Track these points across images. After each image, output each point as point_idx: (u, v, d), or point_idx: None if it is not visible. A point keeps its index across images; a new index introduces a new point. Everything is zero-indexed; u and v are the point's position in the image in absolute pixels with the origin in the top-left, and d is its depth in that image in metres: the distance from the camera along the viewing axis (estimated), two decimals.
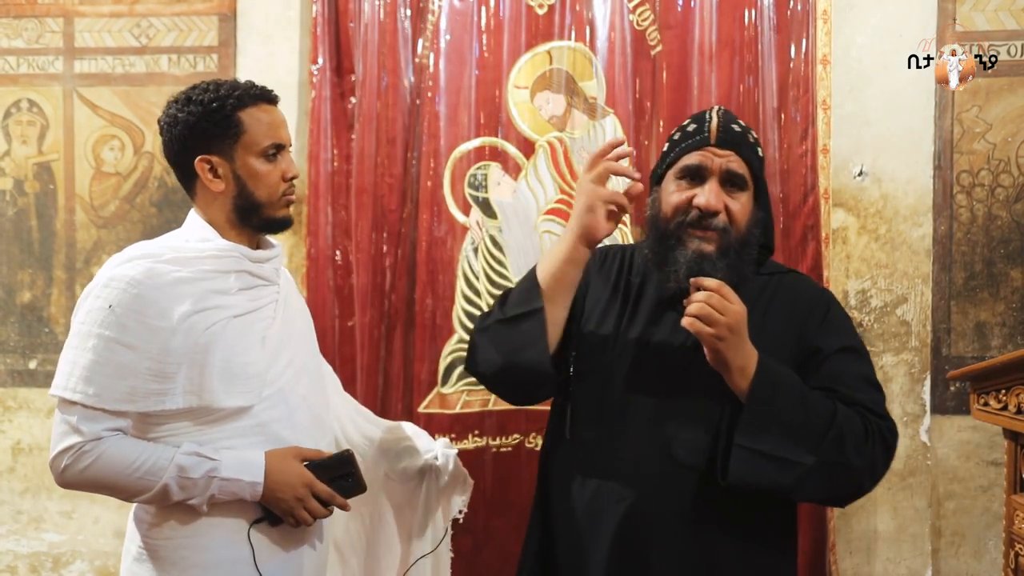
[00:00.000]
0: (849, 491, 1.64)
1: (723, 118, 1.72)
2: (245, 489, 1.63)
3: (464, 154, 3.06)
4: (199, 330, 1.61)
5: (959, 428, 3.02)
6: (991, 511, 3.01)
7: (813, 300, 1.75)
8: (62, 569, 3.35)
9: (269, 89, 1.74)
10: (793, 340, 1.69)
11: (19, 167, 3.34)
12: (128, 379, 1.58)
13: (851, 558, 3.04)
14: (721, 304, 1.53)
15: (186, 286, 1.63)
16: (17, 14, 3.32)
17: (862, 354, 1.72)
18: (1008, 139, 3.00)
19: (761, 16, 2.95)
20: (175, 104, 1.70)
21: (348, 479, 1.72)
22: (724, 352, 1.55)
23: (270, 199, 1.71)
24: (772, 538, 1.70)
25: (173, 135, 1.70)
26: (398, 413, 3.04)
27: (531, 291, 1.69)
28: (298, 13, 3.15)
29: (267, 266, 1.76)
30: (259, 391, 1.66)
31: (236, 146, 1.68)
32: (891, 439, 1.65)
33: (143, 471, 1.59)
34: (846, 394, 1.63)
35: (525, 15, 3.03)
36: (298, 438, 1.72)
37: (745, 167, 1.69)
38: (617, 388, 1.70)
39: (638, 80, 3.01)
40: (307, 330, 1.88)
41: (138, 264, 1.63)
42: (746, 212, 1.69)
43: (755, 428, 1.56)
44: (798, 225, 2.93)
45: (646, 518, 1.64)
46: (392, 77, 3.07)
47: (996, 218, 3.01)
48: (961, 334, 3.03)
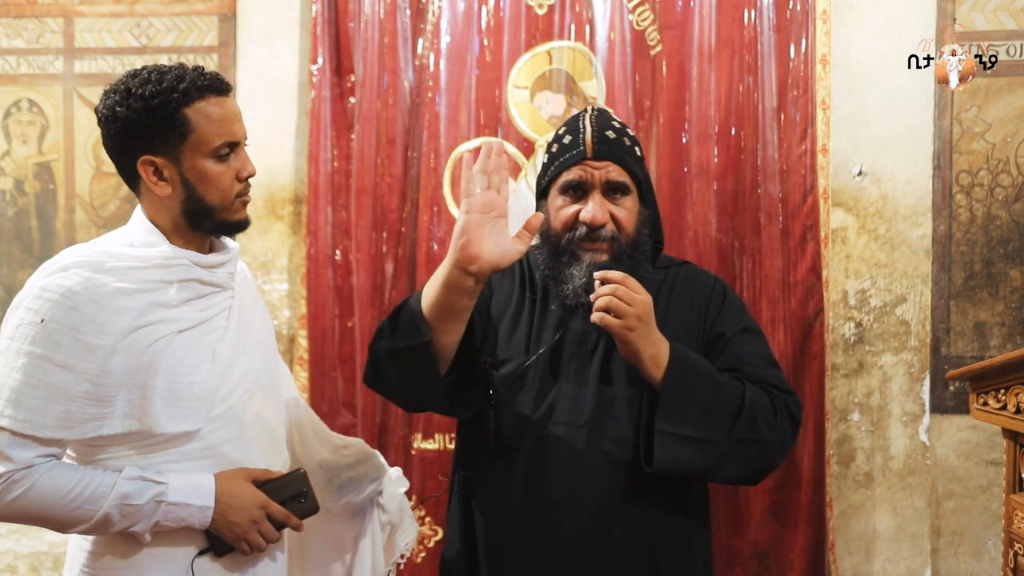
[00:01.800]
0: (763, 466, 1.69)
1: (596, 125, 1.74)
2: (194, 515, 1.50)
3: (463, 154, 3.06)
4: (141, 347, 1.46)
5: (958, 428, 3.02)
6: (990, 511, 3.01)
7: (709, 288, 1.81)
8: (62, 569, 3.35)
9: (220, 77, 1.55)
10: (697, 327, 1.77)
11: (19, 167, 3.35)
12: (62, 403, 1.43)
13: (851, 557, 3.04)
14: (628, 295, 1.57)
15: (127, 299, 1.47)
16: (17, 14, 3.33)
17: (758, 334, 1.80)
18: (1007, 139, 3.00)
19: (761, 16, 2.95)
20: (113, 95, 1.51)
21: (302, 499, 1.61)
22: (635, 342, 1.59)
23: (223, 203, 1.54)
24: (696, 515, 1.77)
25: (111, 131, 1.52)
26: (398, 413, 3.04)
27: (416, 322, 1.55)
28: (298, 13, 3.15)
29: (220, 271, 1.60)
30: (207, 413, 1.52)
31: (183, 147, 1.50)
32: (796, 412, 1.72)
33: (81, 500, 1.45)
34: (752, 372, 1.71)
35: (525, 15, 3.04)
36: (251, 459, 1.59)
37: (624, 173, 1.72)
38: (538, 395, 1.72)
39: (638, 80, 3.01)
40: (265, 337, 1.70)
41: (74, 274, 1.46)
42: (633, 216, 1.73)
43: (674, 413, 1.60)
44: (797, 225, 2.93)
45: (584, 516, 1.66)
46: (392, 77, 3.07)
47: (995, 218, 3.02)
48: (960, 334, 3.03)
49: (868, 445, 3.02)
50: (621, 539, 1.67)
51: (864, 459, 3.03)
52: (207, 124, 1.50)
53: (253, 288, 1.73)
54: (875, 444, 3.02)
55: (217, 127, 1.51)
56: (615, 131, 1.75)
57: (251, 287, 1.72)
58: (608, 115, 1.79)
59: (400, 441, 3.05)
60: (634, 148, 1.76)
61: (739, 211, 2.97)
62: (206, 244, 1.61)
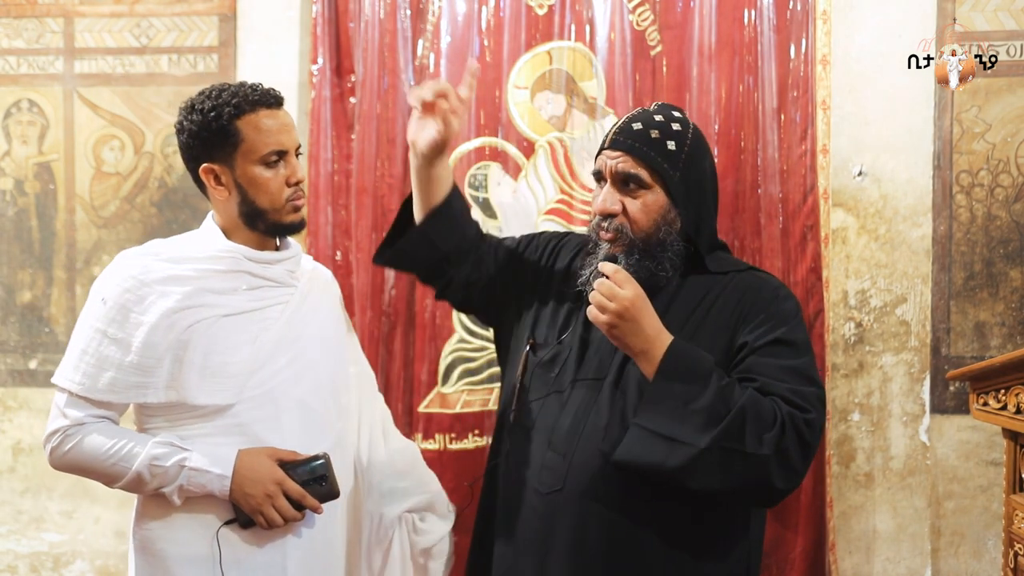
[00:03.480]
0: (752, 483, 1.55)
1: (630, 116, 1.73)
2: (213, 482, 1.63)
3: (464, 154, 3.06)
4: (181, 327, 1.64)
5: (958, 428, 3.02)
6: (990, 511, 3.01)
7: (759, 296, 1.71)
8: (62, 569, 3.35)
9: (272, 91, 1.73)
10: (727, 336, 1.68)
11: (19, 167, 3.34)
12: (110, 371, 1.63)
13: (851, 558, 3.04)
14: (610, 291, 1.56)
15: (177, 284, 1.66)
16: (17, 14, 3.32)
17: (797, 347, 1.65)
18: (1007, 139, 3.00)
19: (761, 16, 2.95)
20: (183, 111, 1.72)
21: (322, 483, 1.67)
22: (621, 338, 1.58)
23: (273, 205, 1.71)
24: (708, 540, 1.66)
25: (181, 143, 1.73)
26: (398, 413, 3.04)
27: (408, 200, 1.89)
28: (298, 13, 3.15)
29: (276, 268, 1.75)
30: (238, 391, 1.66)
31: (235, 155, 1.69)
32: (807, 432, 1.57)
33: (117, 458, 1.63)
34: (764, 383, 1.60)
35: (525, 15, 3.04)
36: (284, 441, 1.69)
37: (640, 165, 1.68)
38: (559, 379, 1.73)
39: (638, 80, 3.01)
40: (331, 335, 1.84)
41: (138, 260, 1.68)
42: (649, 211, 1.68)
43: (651, 408, 1.57)
44: (798, 225, 2.94)
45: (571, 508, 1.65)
46: (392, 77, 3.07)
47: (995, 218, 3.02)
48: (960, 334, 3.03)
49: (868, 445, 3.02)
50: (610, 546, 1.65)
51: (864, 459, 3.03)
52: (256, 135, 1.68)
53: (329, 290, 1.89)
54: (875, 444, 3.02)
55: (265, 137, 1.68)
56: (645, 124, 1.70)
57: (326, 288, 1.88)
58: (659, 110, 1.74)
59: None
60: (665, 143, 1.69)
61: (739, 211, 2.97)
62: (264, 244, 1.76)
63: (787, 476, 1.56)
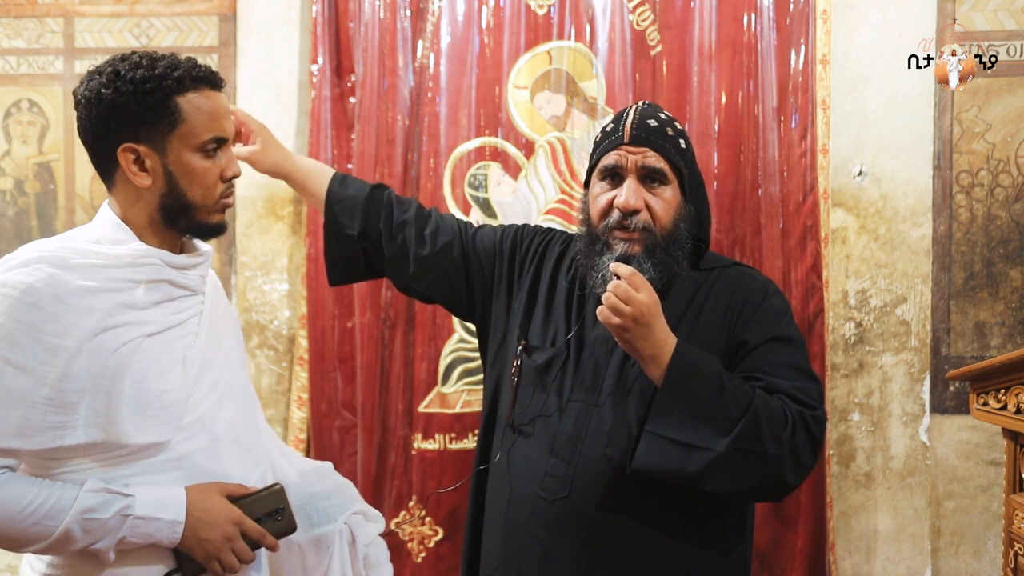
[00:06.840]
0: (767, 481, 1.58)
1: (640, 114, 1.71)
2: (163, 530, 1.37)
3: (464, 154, 3.06)
4: (107, 351, 1.36)
5: (958, 428, 3.02)
6: (990, 511, 3.01)
7: (749, 293, 1.72)
8: None
9: (214, 71, 1.49)
10: (724, 334, 1.69)
11: (19, 167, 3.35)
12: (19, 409, 1.32)
13: (851, 557, 3.04)
14: (626, 294, 1.53)
15: (93, 298, 1.37)
16: (17, 14, 3.33)
17: (794, 343, 1.68)
18: (1007, 139, 3.00)
19: (761, 16, 2.95)
20: (98, 76, 1.45)
21: (278, 516, 1.49)
22: (632, 342, 1.56)
23: (204, 202, 1.47)
24: (714, 538, 1.68)
25: (92, 114, 1.45)
26: (398, 413, 3.04)
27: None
28: (298, 13, 3.15)
29: (192, 273, 1.51)
30: (176, 422, 1.41)
31: (170, 136, 1.43)
32: (815, 427, 1.60)
33: (40, 515, 1.32)
34: (772, 382, 1.61)
35: (525, 15, 3.04)
36: (225, 470, 1.47)
37: (663, 161, 1.67)
38: (556, 383, 1.71)
39: (638, 80, 3.01)
40: (235, 347, 1.61)
41: (36, 269, 1.36)
42: (671, 207, 1.68)
43: (664, 415, 1.56)
44: (797, 225, 2.93)
45: (579, 516, 1.64)
46: (392, 77, 3.07)
47: (995, 218, 3.02)
48: (960, 334, 3.03)
49: (868, 445, 3.02)
50: (617, 549, 1.64)
51: (864, 459, 3.03)
52: (198, 116, 1.44)
53: (223, 294, 1.65)
54: (875, 444, 3.02)
55: (208, 120, 1.45)
56: (659, 120, 1.70)
57: (221, 293, 1.63)
58: (657, 107, 1.75)
59: (400, 441, 3.05)
60: (678, 139, 1.70)
61: (739, 211, 2.97)
62: (177, 245, 1.52)
63: (799, 472, 1.60)
